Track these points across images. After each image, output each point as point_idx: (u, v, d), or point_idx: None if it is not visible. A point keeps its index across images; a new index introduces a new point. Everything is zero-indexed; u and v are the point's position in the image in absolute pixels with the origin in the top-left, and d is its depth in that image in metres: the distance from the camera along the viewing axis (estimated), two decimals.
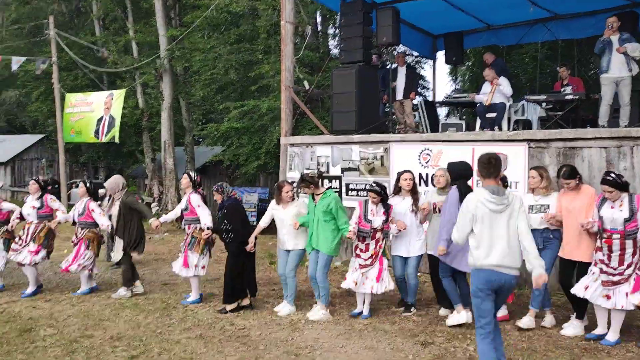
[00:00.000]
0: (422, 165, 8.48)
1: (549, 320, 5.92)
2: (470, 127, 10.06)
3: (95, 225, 7.61)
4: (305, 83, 11.06)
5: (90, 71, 22.02)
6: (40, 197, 7.72)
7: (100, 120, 18.98)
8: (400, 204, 6.35)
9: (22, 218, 7.83)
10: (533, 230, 5.49)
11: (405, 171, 6.52)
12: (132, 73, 21.02)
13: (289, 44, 10.31)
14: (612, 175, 5.24)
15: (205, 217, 7.00)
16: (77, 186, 24.04)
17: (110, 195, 7.81)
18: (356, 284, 6.23)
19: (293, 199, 6.67)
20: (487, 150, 7.65)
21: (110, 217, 7.63)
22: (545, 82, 15.27)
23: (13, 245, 7.65)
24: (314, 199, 6.44)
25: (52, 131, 26.51)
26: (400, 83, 10.73)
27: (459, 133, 8.86)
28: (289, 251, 6.60)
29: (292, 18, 10.37)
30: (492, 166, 4.32)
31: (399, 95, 10.73)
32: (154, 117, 21.57)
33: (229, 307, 6.63)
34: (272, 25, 15.28)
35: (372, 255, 6.21)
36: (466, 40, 12.20)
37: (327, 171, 9.61)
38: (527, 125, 9.41)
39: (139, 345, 5.45)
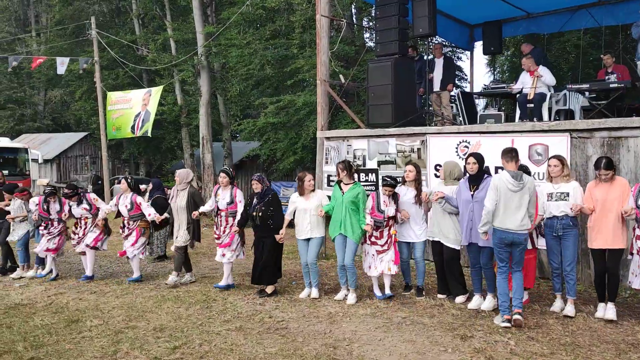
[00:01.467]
0: (460, 158, 8.35)
1: (559, 305, 6.17)
2: (510, 119, 9.85)
3: (144, 215, 8.12)
4: (341, 77, 11.04)
5: (130, 69, 22.55)
6: (81, 200, 8.23)
7: (137, 116, 19.48)
8: (406, 194, 6.86)
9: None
10: (553, 218, 5.90)
11: (409, 163, 7.15)
12: (170, 70, 21.40)
13: (324, 37, 10.31)
14: None
15: (240, 215, 7.43)
16: (119, 182, 24.74)
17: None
18: (373, 267, 6.75)
19: (314, 190, 7.06)
20: (527, 141, 7.61)
21: (170, 208, 8.03)
22: (588, 71, 14.81)
23: (72, 242, 8.40)
24: (340, 188, 6.82)
25: (94, 129, 27.28)
26: (437, 74, 10.59)
27: (497, 124, 8.69)
28: (307, 240, 6.95)
29: (327, 11, 10.35)
30: (513, 155, 5.76)
31: (436, 87, 10.60)
32: (192, 113, 21.92)
33: (269, 290, 7.13)
34: (307, 19, 15.29)
35: (387, 241, 6.72)
36: (505, 29, 11.92)
37: (364, 164, 9.58)
38: (569, 115, 9.14)
39: (181, 336, 5.58)
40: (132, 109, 19.54)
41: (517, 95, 9.28)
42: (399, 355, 4.96)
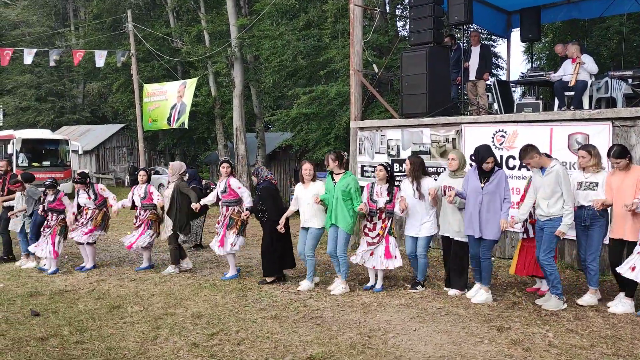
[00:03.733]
0: (496, 147, 8.23)
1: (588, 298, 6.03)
2: (548, 107, 9.63)
3: (156, 207, 8.32)
4: (374, 66, 10.97)
5: (165, 61, 22.88)
6: (91, 189, 8.38)
7: (173, 107, 19.82)
8: (408, 188, 6.73)
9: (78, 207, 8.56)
10: (581, 207, 5.87)
11: (409, 157, 6.96)
12: (204, 62, 21.65)
13: (358, 27, 10.25)
14: None
15: (247, 198, 7.57)
16: (155, 172, 25.22)
17: (187, 182, 8.34)
18: (359, 258, 6.74)
19: (314, 180, 7.01)
20: (567, 131, 7.44)
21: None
22: (630, 59, 14.34)
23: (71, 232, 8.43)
24: (333, 178, 6.81)
25: (131, 120, 27.85)
26: (474, 63, 10.40)
27: (535, 113, 8.50)
28: (307, 229, 6.98)
29: (360, 1, 10.28)
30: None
31: (472, 75, 10.42)
32: (225, 105, 22.14)
33: (269, 279, 7.29)
34: (340, 9, 15.23)
35: (378, 234, 6.64)
36: (544, 15, 11.61)
37: (398, 155, 9.53)
38: (611, 103, 8.87)
39: (218, 323, 5.68)
40: (167, 100, 19.88)
41: (555, 83, 9.06)
42: (434, 346, 4.94)
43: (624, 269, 5.52)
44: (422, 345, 4.96)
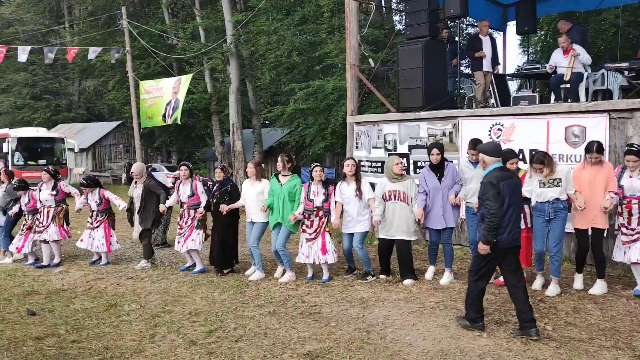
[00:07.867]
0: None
1: (539, 283, 6.43)
2: (544, 100, 9.60)
3: (110, 209, 8.62)
4: (371, 61, 10.92)
5: (161, 59, 22.80)
6: (54, 185, 8.62)
7: (168, 104, 19.77)
8: (347, 190, 7.04)
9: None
10: (545, 202, 6.09)
11: (347, 158, 7.37)
12: (200, 59, 21.56)
13: (353, 21, 10.20)
14: (636, 146, 5.85)
15: (204, 202, 7.84)
16: (152, 170, 25.12)
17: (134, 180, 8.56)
18: (308, 257, 7.09)
19: (259, 178, 7.42)
20: (563, 123, 7.41)
21: (131, 198, 8.50)
22: (625, 52, 14.30)
23: (36, 228, 8.62)
24: (278, 180, 7.22)
25: (127, 117, 27.75)
26: (487, 53, 9.84)
27: (532, 106, 8.48)
28: (253, 223, 7.42)
29: None
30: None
31: (486, 66, 9.87)
32: (222, 101, 22.07)
33: (225, 270, 7.72)
34: (336, 3, 15.18)
35: (315, 230, 7.05)
36: (539, 7, 11.56)
37: (395, 149, 9.50)
38: (607, 95, 8.86)
39: (216, 320, 5.66)
40: (163, 97, 19.80)
41: (552, 76, 9.02)
42: (433, 340, 4.93)
43: (626, 258, 5.93)
44: (420, 340, 4.95)
